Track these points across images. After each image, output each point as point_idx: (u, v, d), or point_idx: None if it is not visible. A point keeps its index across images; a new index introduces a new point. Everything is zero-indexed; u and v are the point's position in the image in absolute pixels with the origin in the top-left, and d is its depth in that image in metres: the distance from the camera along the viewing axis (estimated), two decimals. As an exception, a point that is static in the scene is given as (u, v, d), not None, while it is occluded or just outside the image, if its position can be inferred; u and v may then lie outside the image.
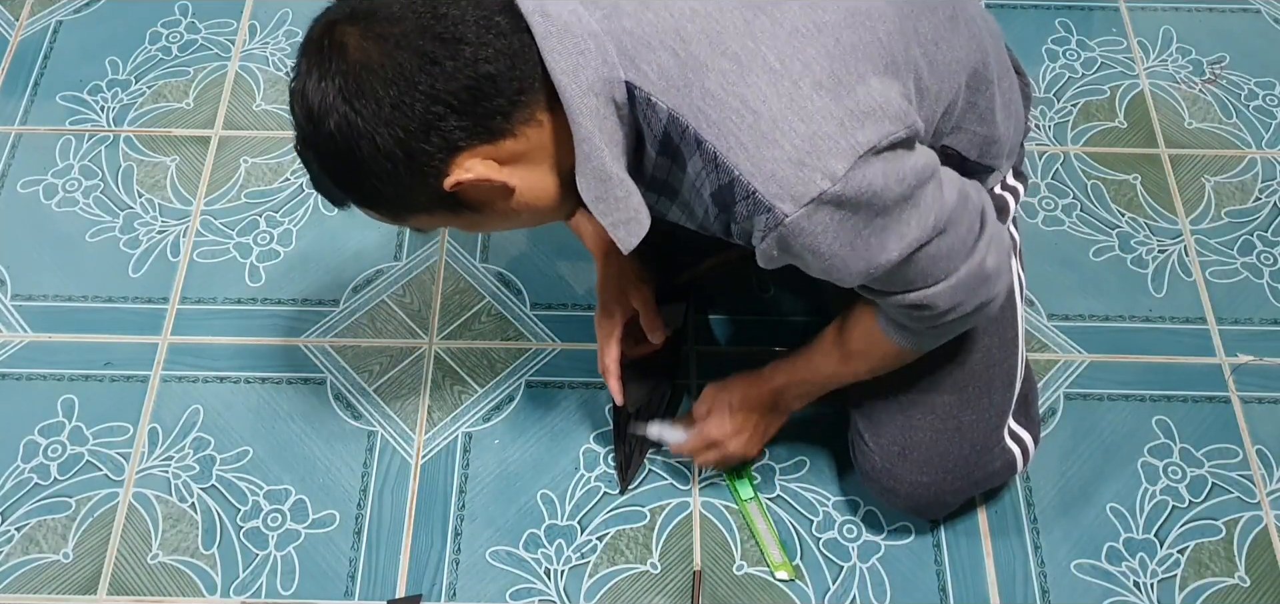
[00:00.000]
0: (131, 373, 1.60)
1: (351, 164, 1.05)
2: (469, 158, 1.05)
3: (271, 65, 1.92)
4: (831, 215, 1.04)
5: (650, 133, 1.08)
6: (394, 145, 1.03)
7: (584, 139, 1.05)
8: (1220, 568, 1.48)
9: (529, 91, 1.04)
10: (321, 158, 1.07)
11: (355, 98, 1.01)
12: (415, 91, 1.01)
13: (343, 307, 1.67)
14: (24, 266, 1.70)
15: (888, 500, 1.43)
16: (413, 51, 1.00)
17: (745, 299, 1.68)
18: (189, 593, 1.44)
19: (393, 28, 1.01)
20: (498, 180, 1.06)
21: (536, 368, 1.62)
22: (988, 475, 1.42)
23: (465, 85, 1.01)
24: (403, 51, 1.00)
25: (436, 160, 1.04)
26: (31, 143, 1.83)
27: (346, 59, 1.01)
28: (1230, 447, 1.56)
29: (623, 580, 1.46)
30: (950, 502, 1.44)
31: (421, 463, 1.54)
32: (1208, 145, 1.85)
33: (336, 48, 1.02)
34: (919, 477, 1.38)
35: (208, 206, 1.76)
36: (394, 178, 1.05)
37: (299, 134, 1.08)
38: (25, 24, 1.97)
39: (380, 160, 1.04)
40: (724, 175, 1.05)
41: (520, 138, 1.06)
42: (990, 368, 1.37)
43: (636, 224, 1.09)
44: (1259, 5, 2.03)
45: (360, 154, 1.04)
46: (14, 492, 1.51)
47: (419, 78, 1.01)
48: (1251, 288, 1.71)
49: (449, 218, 1.13)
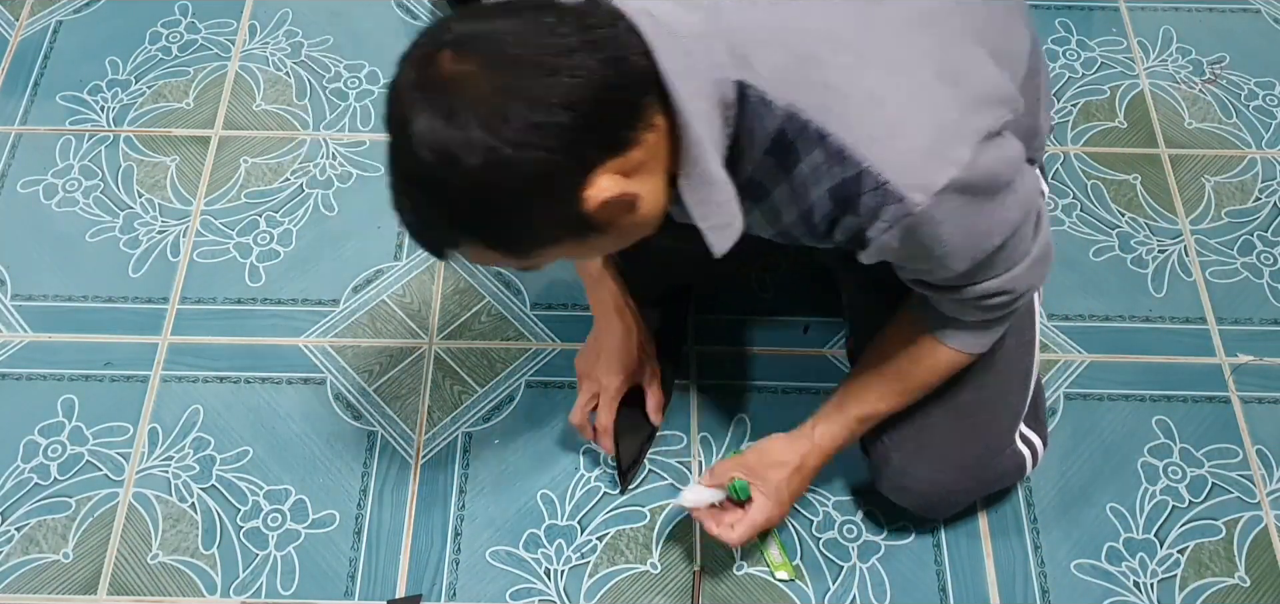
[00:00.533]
0: (131, 373, 1.60)
1: (487, 203, 0.98)
2: (603, 174, 0.99)
3: (271, 65, 1.92)
4: (957, 202, 1.04)
5: (759, 132, 1.05)
6: (535, 171, 0.96)
7: (695, 142, 1.01)
8: (1220, 568, 1.48)
9: (646, 96, 1.00)
10: (454, 200, 0.98)
11: (493, 128, 0.94)
12: (550, 109, 0.94)
13: (343, 307, 1.67)
14: (24, 267, 1.70)
15: (899, 499, 1.43)
16: (534, 69, 0.94)
17: (745, 299, 1.68)
18: (189, 593, 1.44)
19: (504, 49, 0.95)
20: (630, 193, 1.01)
21: (536, 368, 1.62)
22: (998, 476, 1.43)
23: (592, 96, 0.96)
24: (524, 71, 0.94)
25: (575, 179, 0.98)
26: (31, 143, 1.83)
27: (468, 90, 0.94)
28: (1230, 447, 1.56)
29: (623, 580, 1.46)
30: (960, 501, 1.44)
31: (421, 463, 1.54)
32: (1208, 145, 1.85)
33: (452, 81, 0.95)
34: (934, 474, 1.38)
35: (208, 206, 1.76)
36: (531, 208, 0.99)
37: (421, 179, 0.98)
38: (25, 24, 1.97)
39: (520, 192, 0.97)
40: (851, 168, 1.03)
41: (642, 145, 1.01)
42: (1010, 367, 1.37)
43: (732, 229, 1.06)
44: (1259, 5, 2.03)
45: (502, 189, 0.96)
46: (14, 492, 1.51)
47: (550, 95, 0.94)
48: (1251, 288, 1.71)
49: (575, 246, 1.06)
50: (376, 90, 1.89)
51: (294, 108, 1.87)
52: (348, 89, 1.89)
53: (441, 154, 0.94)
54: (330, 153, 1.82)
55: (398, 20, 1.98)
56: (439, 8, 1.98)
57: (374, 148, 1.83)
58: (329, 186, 1.78)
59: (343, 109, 1.87)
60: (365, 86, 1.90)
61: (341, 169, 1.80)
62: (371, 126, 1.85)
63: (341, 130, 1.85)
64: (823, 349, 1.64)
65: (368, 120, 1.86)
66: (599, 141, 0.98)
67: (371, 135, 1.84)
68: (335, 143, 1.83)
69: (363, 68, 1.92)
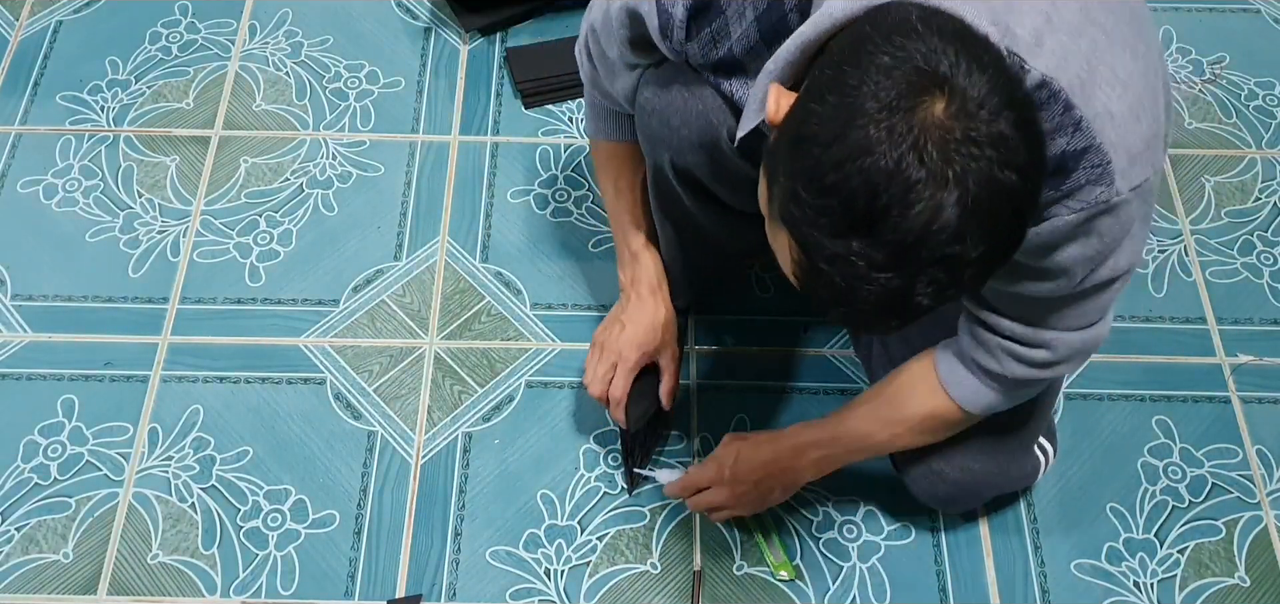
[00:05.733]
0: (131, 373, 1.60)
1: (1019, 236, 0.91)
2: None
3: (271, 65, 1.92)
4: (1137, 205, 1.04)
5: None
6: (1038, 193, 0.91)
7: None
8: (1220, 568, 1.48)
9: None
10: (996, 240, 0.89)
11: (1008, 167, 0.85)
12: (1036, 130, 0.88)
13: (343, 306, 1.67)
14: (24, 267, 1.70)
15: (929, 486, 1.40)
16: (996, 91, 0.86)
17: (745, 299, 1.68)
18: (189, 593, 1.44)
19: (967, 77, 0.85)
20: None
21: (536, 368, 1.62)
22: (1022, 474, 1.43)
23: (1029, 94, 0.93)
24: (998, 92, 0.86)
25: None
26: (31, 143, 1.83)
27: (982, 130, 0.84)
28: (1230, 447, 1.56)
29: (623, 580, 1.46)
30: (984, 495, 1.44)
31: (421, 463, 1.54)
32: (1208, 145, 1.85)
33: (967, 140, 0.84)
34: (970, 463, 1.37)
35: (208, 206, 1.76)
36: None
37: (977, 235, 0.86)
38: (25, 24, 1.97)
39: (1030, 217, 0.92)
40: (1082, 140, 0.99)
41: None
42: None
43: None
44: (1259, 5, 2.03)
45: (1027, 220, 0.90)
46: (14, 492, 1.51)
47: (1028, 112, 0.88)
48: (1251, 288, 1.71)
49: None
50: (376, 90, 1.89)
51: (294, 108, 1.87)
52: (348, 89, 1.89)
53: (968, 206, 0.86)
54: (330, 153, 1.82)
55: (398, 20, 1.98)
56: (439, 8, 1.99)
57: (374, 147, 1.83)
58: (329, 186, 1.78)
59: (343, 109, 1.87)
60: (365, 86, 1.90)
61: (341, 169, 1.80)
62: (371, 126, 1.85)
63: (341, 130, 1.85)
64: (823, 349, 1.64)
65: (368, 120, 1.86)
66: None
67: (371, 135, 1.84)
68: (335, 143, 1.83)
69: (363, 68, 1.92)
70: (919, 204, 0.83)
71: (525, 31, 1.97)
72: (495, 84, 1.90)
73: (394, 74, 1.91)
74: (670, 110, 1.27)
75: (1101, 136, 1.00)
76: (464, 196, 1.77)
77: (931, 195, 0.83)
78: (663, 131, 1.29)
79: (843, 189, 0.85)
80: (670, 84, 1.27)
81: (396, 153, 1.82)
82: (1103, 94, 1.00)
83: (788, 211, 0.89)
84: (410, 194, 1.78)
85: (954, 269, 0.87)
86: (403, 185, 1.78)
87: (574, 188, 1.79)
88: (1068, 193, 1.02)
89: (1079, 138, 1.00)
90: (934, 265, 0.86)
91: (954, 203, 0.83)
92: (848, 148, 0.84)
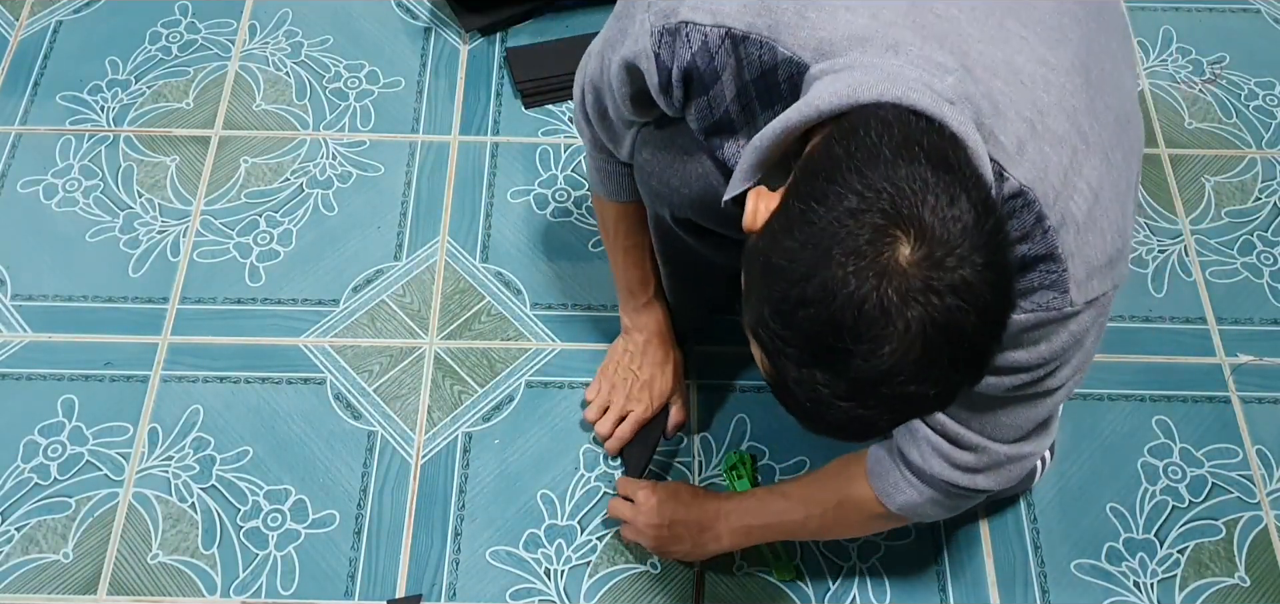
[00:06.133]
0: (131, 373, 1.60)
1: (979, 371, 0.93)
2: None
3: (271, 65, 1.92)
4: (1090, 318, 1.04)
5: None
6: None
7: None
8: (1220, 568, 1.48)
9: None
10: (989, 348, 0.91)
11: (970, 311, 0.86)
12: (1004, 269, 0.89)
13: (343, 306, 1.67)
14: (24, 267, 1.70)
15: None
16: (967, 231, 0.86)
17: (745, 299, 1.68)
18: (189, 593, 1.44)
19: (935, 214, 0.86)
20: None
21: (536, 368, 1.62)
22: (1026, 472, 1.43)
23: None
24: (969, 233, 0.86)
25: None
26: (31, 143, 1.83)
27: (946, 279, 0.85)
28: (1230, 447, 1.56)
29: (623, 580, 1.46)
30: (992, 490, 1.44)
31: (421, 463, 1.54)
32: (1208, 145, 1.85)
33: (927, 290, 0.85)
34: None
35: (208, 207, 1.76)
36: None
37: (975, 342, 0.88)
38: (25, 24, 1.97)
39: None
40: (1043, 247, 1.00)
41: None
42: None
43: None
44: (1259, 5, 2.03)
45: (989, 358, 0.91)
46: (14, 492, 1.51)
47: (997, 251, 0.88)
48: (1251, 288, 1.71)
49: None
50: (376, 90, 1.89)
51: (294, 108, 1.87)
52: (348, 89, 1.89)
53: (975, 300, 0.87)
54: (330, 153, 1.82)
55: (398, 20, 1.98)
56: (439, 8, 1.99)
57: (374, 147, 1.83)
58: (329, 186, 1.78)
59: (343, 109, 1.87)
60: (365, 86, 1.90)
61: (341, 169, 1.80)
62: (371, 126, 1.85)
63: (341, 130, 1.85)
64: (823, 349, 1.64)
65: (367, 120, 1.86)
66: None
67: (371, 135, 1.84)
68: (335, 143, 1.83)
69: (363, 68, 1.92)
70: (883, 348, 0.85)
71: (525, 31, 1.97)
72: (495, 84, 1.90)
73: (394, 74, 1.91)
74: (669, 172, 1.27)
75: (1062, 246, 1.00)
76: (464, 196, 1.77)
77: (892, 341, 0.85)
78: (663, 190, 1.29)
79: (807, 326, 0.87)
80: (668, 145, 1.26)
81: (396, 153, 1.82)
82: (1073, 205, 1.00)
83: (757, 331, 0.92)
84: (410, 194, 1.78)
85: (915, 403, 0.90)
86: (403, 185, 1.78)
87: (574, 188, 1.79)
88: (1021, 293, 1.02)
89: (1042, 243, 1.00)
90: (895, 400, 0.88)
91: (912, 348, 0.85)
92: (814, 288, 0.86)
